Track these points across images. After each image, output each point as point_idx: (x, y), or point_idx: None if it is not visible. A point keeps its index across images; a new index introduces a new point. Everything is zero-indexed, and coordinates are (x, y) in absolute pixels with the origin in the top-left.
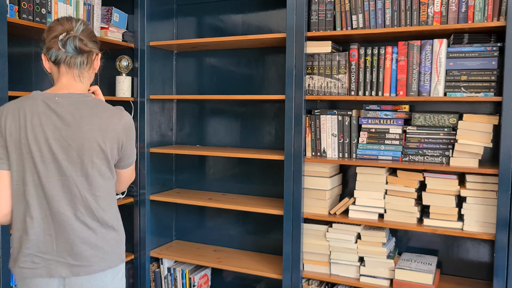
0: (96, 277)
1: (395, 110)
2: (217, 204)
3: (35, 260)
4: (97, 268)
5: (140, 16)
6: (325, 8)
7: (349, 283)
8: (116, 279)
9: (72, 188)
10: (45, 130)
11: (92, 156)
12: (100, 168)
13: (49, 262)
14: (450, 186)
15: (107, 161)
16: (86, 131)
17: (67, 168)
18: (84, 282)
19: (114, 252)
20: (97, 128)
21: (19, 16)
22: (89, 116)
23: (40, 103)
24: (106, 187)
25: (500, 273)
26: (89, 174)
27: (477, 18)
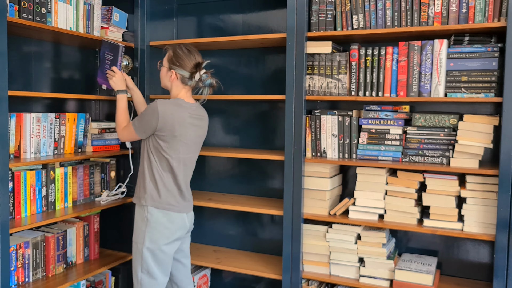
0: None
1: (396, 110)
2: (217, 204)
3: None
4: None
5: (140, 15)
6: (326, 8)
7: (349, 283)
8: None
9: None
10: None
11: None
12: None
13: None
14: (450, 187)
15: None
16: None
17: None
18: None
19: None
20: None
21: (19, 16)
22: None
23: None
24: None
25: (500, 274)
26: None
27: (477, 19)
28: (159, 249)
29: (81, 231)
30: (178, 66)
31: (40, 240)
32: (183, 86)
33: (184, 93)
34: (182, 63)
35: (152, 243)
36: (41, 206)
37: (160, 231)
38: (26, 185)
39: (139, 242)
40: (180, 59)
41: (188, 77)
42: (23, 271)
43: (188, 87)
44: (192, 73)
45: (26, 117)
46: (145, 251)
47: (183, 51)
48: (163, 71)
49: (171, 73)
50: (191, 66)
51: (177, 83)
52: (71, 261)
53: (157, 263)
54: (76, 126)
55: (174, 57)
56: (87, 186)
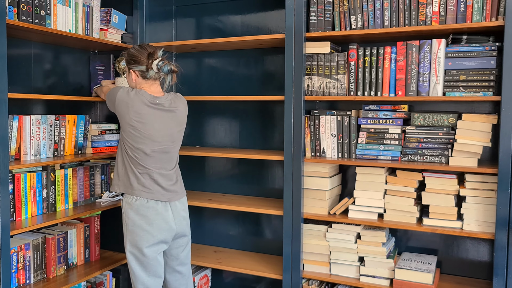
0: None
1: (394, 110)
2: (217, 204)
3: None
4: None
5: (139, 17)
6: (324, 8)
7: (349, 283)
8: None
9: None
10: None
11: None
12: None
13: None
14: (450, 186)
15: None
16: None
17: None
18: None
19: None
20: None
21: (18, 18)
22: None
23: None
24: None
25: (500, 272)
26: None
27: (475, 18)
28: (140, 253)
29: (81, 232)
30: (133, 64)
31: (41, 242)
32: (145, 81)
33: (148, 87)
34: (136, 59)
35: (133, 246)
36: (42, 208)
37: (138, 234)
38: (27, 187)
39: (124, 245)
40: (133, 56)
41: (146, 70)
42: (24, 273)
43: (151, 80)
44: (148, 65)
45: (25, 119)
46: (128, 254)
47: (135, 49)
48: (127, 75)
49: (131, 73)
50: (144, 59)
51: (139, 80)
52: (72, 263)
53: (142, 266)
54: (76, 128)
55: (129, 57)
56: (87, 188)
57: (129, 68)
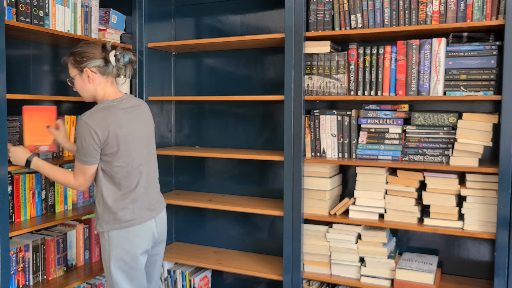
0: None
1: (395, 109)
2: (216, 205)
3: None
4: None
5: (138, 17)
6: (324, 8)
7: (350, 283)
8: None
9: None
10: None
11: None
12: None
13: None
14: (450, 186)
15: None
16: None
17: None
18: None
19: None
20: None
21: (17, 19)
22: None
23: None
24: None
25: (501, 272)
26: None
27: (475, 17)
28: (126, 265)
29: (81, 233)
30: (87, 60)
31: (40, 243)
32: (105, 78)
33: (110, 87)
34: (88, 55)
35: (119, 260)
36: (41, 209)
37: (124, 248)
38: (26, 188)
39: (105, 260)
40: (83, 53)
41: (104, 64)
42: (24, 274)
43: (111, 77)
44: (105, 58)
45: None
46: (113, 269)
47: (81, 46)
48: (78, 81)
49: (87, 73)
50: (99, 52)
51: (98, 78)
52: (72, 264)
53: (128, 280)
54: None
55: (77, 56)
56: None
57: (81, 69)
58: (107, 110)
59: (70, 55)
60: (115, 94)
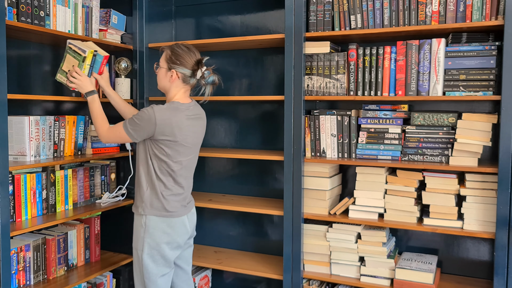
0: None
1: (394, 109)
2: (217, 205)
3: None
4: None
5: (139, 17)
6: (324, 8)
7: (349, 283)
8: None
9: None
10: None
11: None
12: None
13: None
14: (450, 185)
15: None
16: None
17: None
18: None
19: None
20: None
21: (18, 19)
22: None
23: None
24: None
25: (501, 272)
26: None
27: (475, 17)
28: (159, 255)
29: (81, 233)
30: (179, 65)
31: (41, 243)
32: (183, 85)
33: (183, 93)
34: (182, 61)
35: (152, 249)
36: (42, 209)
37: (159, 237)
38: (27, 188)
39: (138, 248)
40: (180, 57)
41: (190, 75)
42: (24, 274)
43: (188, 86)
44: (194, 71)
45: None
46: (145, 258)
47: (182, 49)
48: (162, 72)
49: (172, 73)
50: (192, 64)
51: (178, 83)
52: (72, 264)
53: (158, 270)
54: (76, 128)
55: (174, 56)
56: (87, 189)
57: (169, 68)
58: (175, 112)
59: (170, 49)
60: (185, 99)
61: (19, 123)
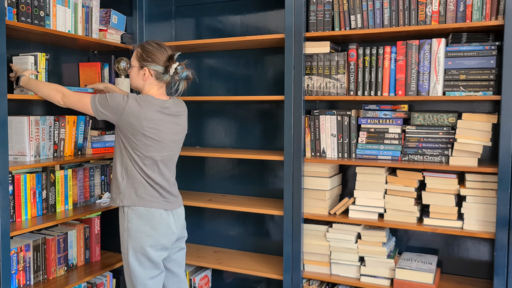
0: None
1: (394, 109)
2: (217, 205)
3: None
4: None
5: (139, 18)
6: (324, 8)
7: (349, 283)
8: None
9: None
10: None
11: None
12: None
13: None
14: (450, 185)
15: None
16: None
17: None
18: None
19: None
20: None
21: (18, 19)
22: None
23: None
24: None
25: (501, 272)
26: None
27: (475, 17)
28: (144, 258)
29: (81, 233)
30: (150, 62)
31: (41, 243)
32: (157, 83)
33: (156, 90)
34: (154, 58)
35: (136, 252)
36: (42, 209)
37: (142, 240)
38: (26, 188)
39: (124, 252)
40: (151, 54)
41: (163, 71)
42: (24, 274)
43: (163, 83)
44: (167, 67)
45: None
46: (131, 261)
47: (153, 46)
48: (134, 71)
49: (144, 71)
50: (164, 60)
51: (151, 80)
52: (72, 264)
53: (145, 272)
54: (76, 128)
55: (145, 53)
56: (87, 189)
57: (141, 65)
58: (146, 103)
59: (140, 47)
60: (159, 95)
61: (19, 123)
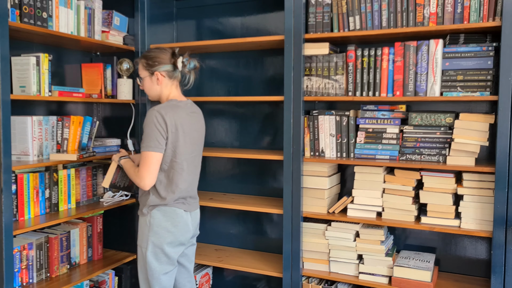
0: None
1: (392, 110)
2: (218, 203)
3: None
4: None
5: (141, 19)
6: (323, 10)
7: (348, 280)
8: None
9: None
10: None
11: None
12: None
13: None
14: (447, 185)
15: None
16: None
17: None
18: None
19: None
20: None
21: (21, 20)
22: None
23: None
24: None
25: (498, 270)
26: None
27: (472, 19)
28: (162, 253)
29: (84, 232)
30: (158, 65)
31: (44, 242)
32: (171, 82)
33: (174, 89)
34: (159, 60)
35: (156, 247)
36: (45, 208)
37: (163, 236)
38: (30, 187)
39: (143, 246)
40: (155, 58)
41: (172, 69)
42: (27, 272)
43: (176, 80)
44: (174, 63)
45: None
46: (149, 256)
47: (153, 51)
48: (147, 81)
49: (156, 76)
50: (169, 58)
51: (166, 81)
52: (75, 262)
53: (161, 267)
54: (82, 128)
55: (149, 60)
56: (90, 188)
57: (152, 72)
58: (176, 108)
59: (143, 58)
60: (179, 96)
61: (22, 123)
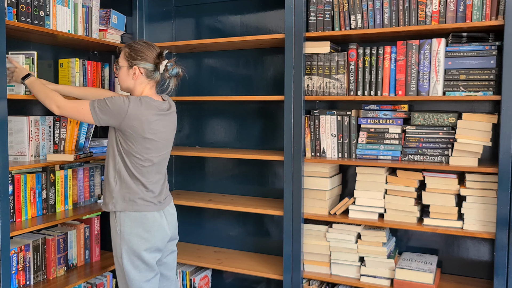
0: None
1: (394, 109)
2: (217, 205)
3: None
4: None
5: (139, 17)
6: (324, 8)
7: (349, 283)
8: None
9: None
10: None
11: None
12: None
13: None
14: (450, 185)
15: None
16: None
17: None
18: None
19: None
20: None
21: (18, 19)
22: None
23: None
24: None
25: (501, 272)
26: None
27: (475, 17)
28: (140, 260)
29: (81, 233)
30: (140, 60)
31: (41, 243)
32: (148, 81)
33: (149, 89)
34: (143, 56)
35: (131, 255)
36: (42, 209)
37: (136, 244)
38: (26, 188)
39: (118, 256)
40: (140, 52)
41: (153, 69)
42: (24, 274)
43: (153, 82)
44: (156, 64)
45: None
46: (126, 265)
47: (141, 44)
48: (123, 72)
49: (134, 70)
50: (153, 57)
51: (142, 79)
52: (72, 264)
53: (141, 276)
54: (78, 128)
55: (133, 52)
56: (87, 189)
57: (131, 65)
58: (148, 106)
59: (127, 47)
60: (152, 96)
61: (19, 123)
